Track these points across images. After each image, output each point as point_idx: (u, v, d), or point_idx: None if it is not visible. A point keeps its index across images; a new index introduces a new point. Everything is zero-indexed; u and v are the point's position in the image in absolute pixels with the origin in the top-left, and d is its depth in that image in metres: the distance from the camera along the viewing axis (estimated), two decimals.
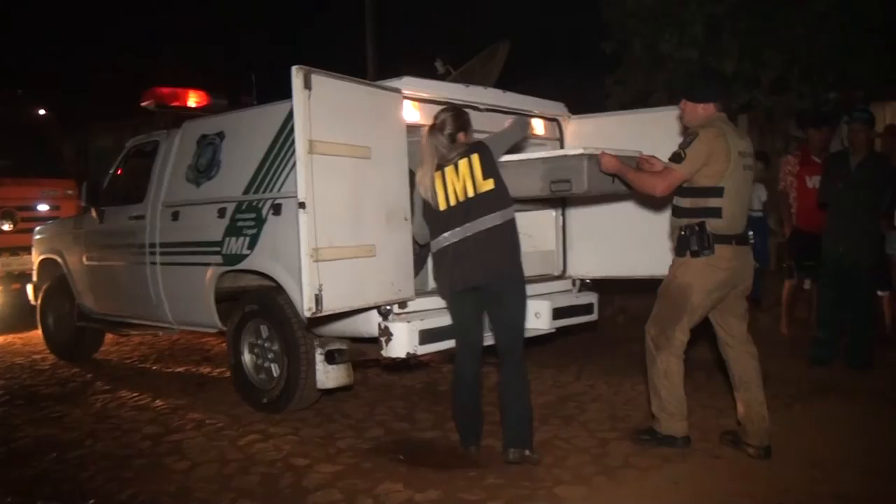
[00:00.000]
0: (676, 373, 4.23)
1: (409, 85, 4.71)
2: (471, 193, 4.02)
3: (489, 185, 4.03)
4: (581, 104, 6.25)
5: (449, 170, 4.07)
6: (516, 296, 4.18)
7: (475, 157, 4.05)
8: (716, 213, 4.06)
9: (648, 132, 5.46)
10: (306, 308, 3.93)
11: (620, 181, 4.40)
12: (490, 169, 4.06)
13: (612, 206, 5.59)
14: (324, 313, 4.01)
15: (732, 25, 9.15)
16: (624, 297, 8.32)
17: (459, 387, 4.29)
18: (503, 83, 6.03)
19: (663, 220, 5.19)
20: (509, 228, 4.09)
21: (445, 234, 4.07)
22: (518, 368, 4.14)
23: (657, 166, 4.24)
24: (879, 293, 6.77)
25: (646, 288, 5.38)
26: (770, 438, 4.17)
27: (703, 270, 4.09)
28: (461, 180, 4.03)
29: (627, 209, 5.51)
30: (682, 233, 4.14)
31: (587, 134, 5.76)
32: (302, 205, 3.89)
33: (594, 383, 5.86)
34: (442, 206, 4.07)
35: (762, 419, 4.17)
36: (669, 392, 4.24)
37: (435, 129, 4.14)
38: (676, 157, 4.07)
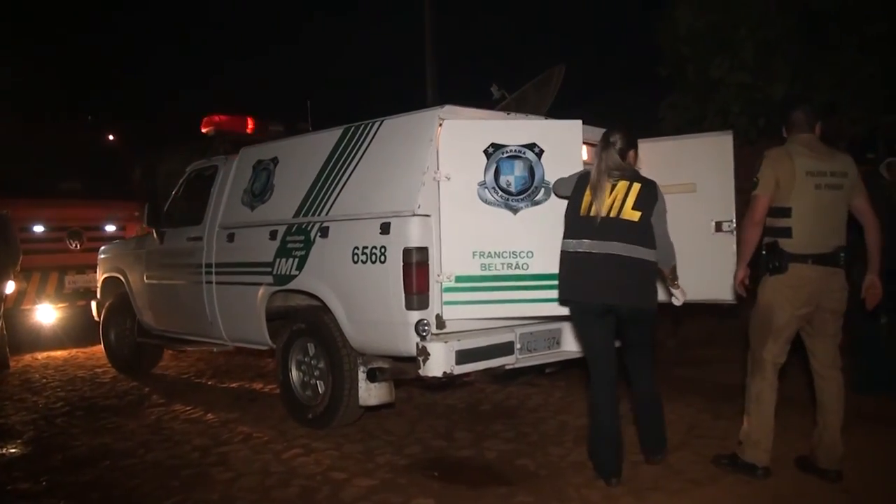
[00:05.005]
0: (768, 401, 4.18)
1: (451, 113, 4.80)
2: (613, 214, 3.98)
3: (634, 215, 3.98)
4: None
5: (607, 185, 4.03)
6: (648, 322, 4.24)
7: (636, 187, 4.02)
8: (786, 232, 4.09)
9: (697, 157, 5.50)
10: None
11: None
12: (645, 206, 4.00)
13: None
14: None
15: (783, 49, 9.14)
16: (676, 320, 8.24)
17: (603, 416, 4.15)
18: (557, 108, 6.07)
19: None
20: (641, 266, 4.02)
21: (572, 241, 4.08)
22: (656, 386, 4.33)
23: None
24: None
25: (700, 312, 5.36)
26: (840, 463, 4.15)
27: (780, 289, 4.12)
28: (612, 198, 4.00)
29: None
30: (761, 252, 4.19)
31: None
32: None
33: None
34: (582, 212, 4.06)
35: (833, 444, 4.14)
36: (758, 419, 4.19)
37: (609, 144, 4.11)
38: (753, 185, 4.16)
